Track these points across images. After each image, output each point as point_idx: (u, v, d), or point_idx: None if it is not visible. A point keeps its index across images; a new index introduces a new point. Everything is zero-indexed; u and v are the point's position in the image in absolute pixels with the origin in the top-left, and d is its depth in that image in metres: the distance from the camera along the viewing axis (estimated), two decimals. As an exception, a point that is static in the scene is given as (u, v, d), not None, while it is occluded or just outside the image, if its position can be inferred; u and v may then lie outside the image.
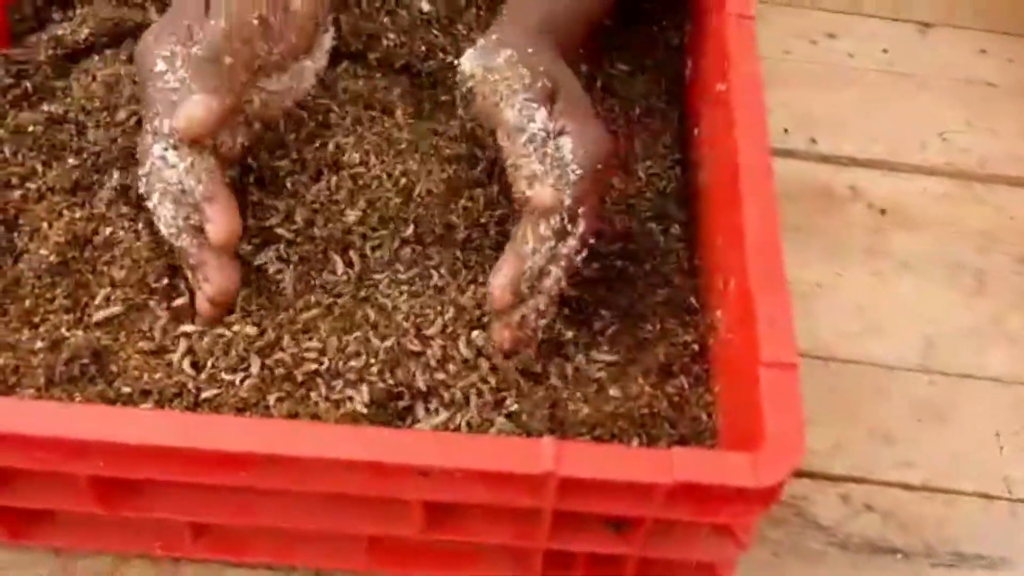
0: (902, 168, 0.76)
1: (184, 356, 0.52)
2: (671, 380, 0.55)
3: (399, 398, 0.50)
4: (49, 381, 0.51)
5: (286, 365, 0.51)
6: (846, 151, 0.77)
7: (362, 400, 0.50)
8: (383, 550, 0.52)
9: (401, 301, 0.54)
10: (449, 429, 0.50)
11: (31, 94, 0.60)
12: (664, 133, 0.70)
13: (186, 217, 0.51)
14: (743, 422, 0.49)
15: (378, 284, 0.55)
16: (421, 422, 0.50)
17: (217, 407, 0.50)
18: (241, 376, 0.51)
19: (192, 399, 0.50)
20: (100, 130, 0.58)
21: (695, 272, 0.62)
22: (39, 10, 0.66)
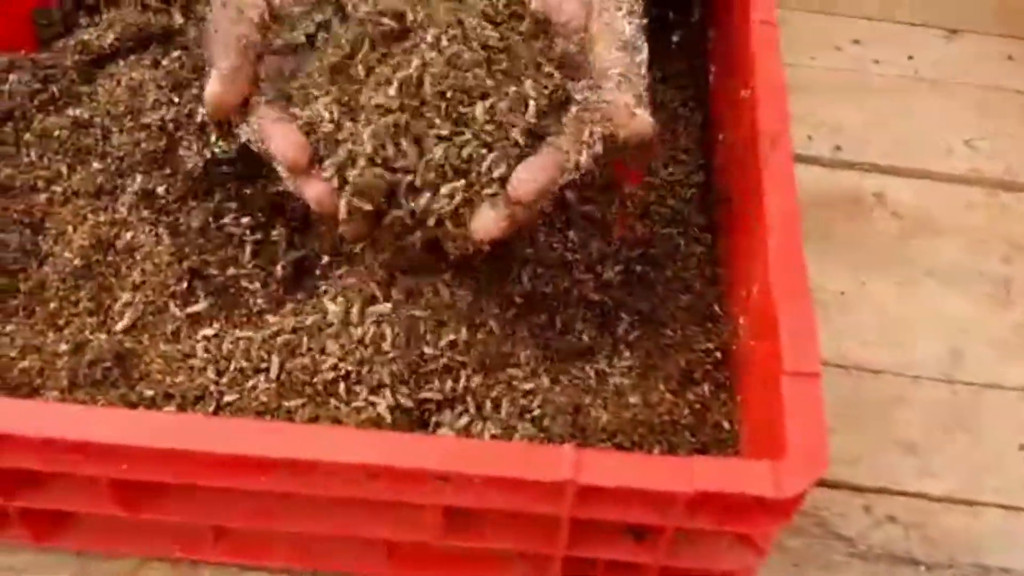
0: (927, 175, 0.75)
1: (205, 359, 0.52)
2: (693, 387, 0.55)
3: (422, 403, 0.50)
4: (73, 384, 0.51)
5: (307, 369, 0.51)
6: (871, 158, 0.76)
7: (385, 405, 0.50)
8: (402, 555, 0.52)
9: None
10: (472, 434, 0.50)
11: (57, 98, 0.61)
12: (687, 139, 0.71)
13: None
14: (765, 431, 0.49)
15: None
16: (444, 427, 0.50)
17: (239, 410, 0.50)
18: (262, 380, 0.51)
19: (215, 402, 0.50)
20: (124, 134, 0.59)
21: (717, 279, 0.62)
22: (67, 16, 0.66)
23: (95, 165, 0.58)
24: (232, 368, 0.52)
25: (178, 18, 0.63)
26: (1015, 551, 0.57)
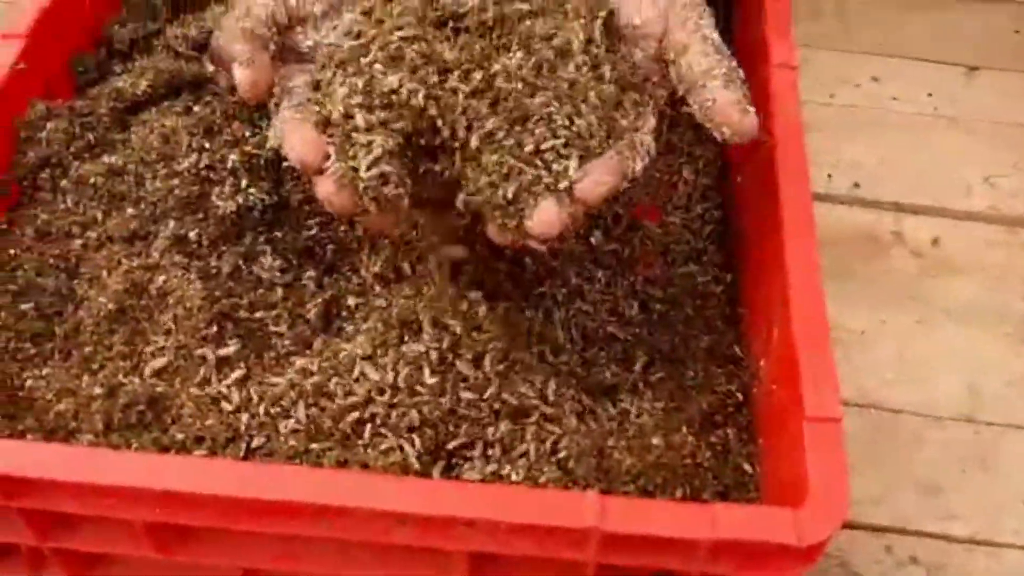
0: (947, 213, 0.76)
1: (234, 402, 0.53)
2: (715, 430, 0.55)
3: (450, 447, 0.51)
4: (107, 427, 0.52)
5: (334, 412, 0.52)
6: (889, 196, 0.77)
7: (412, 449, 0.50)
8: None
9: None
10: (499, 479, 0.51)
11: (93, 146, 0.62)
12: (705, 177, 0.71)
13: None
14: (787, 475, 0.49)
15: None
16: (471, 471, 0.51)
17: (269, 454, 0.51)
18: (290, 423, 0.52)
19: (245, 445, 0.51)
20: (157, 180, 0.60)
21: (737, 319, 0.63)
22: (101, 63, 0.68)
23: (129, 211, 0.60)
24: (261, 411, 0.52)
25: (209, 66, 0.65)
26: (1037, 593, 0.57)
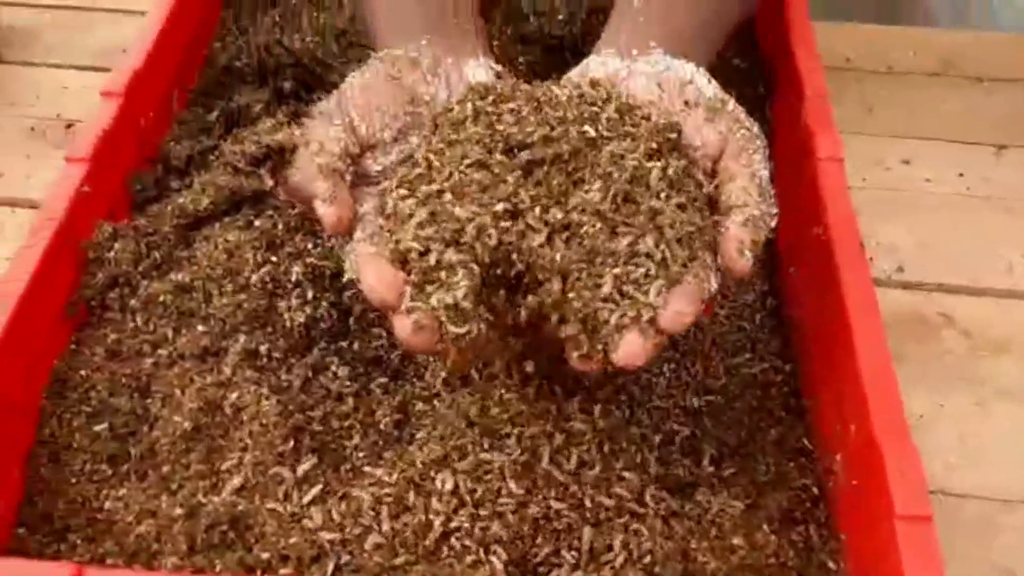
0: (991, 292, 0.77)
1: (315, 519, 0.53)
2: (795, 527, 0.55)
3: (537, 557, 0.51)
4: (191, 548, 0.52)
5: (416, 525, 0.52)
6: (933, 277, 0.78)
7: (500, 562, 0.50)
8: None
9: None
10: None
11: (160, 264, 0.63)
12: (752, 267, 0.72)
13: None
14: (877, 573, 0.49)
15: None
16: (560, 581, 0.51)
17: (355, 571, 0.51)
18: (374, 537, 0.52)
19: (332, 563, 0.51)
20: (225, 296, 0.61)
21: (800, 410, 0.63)
22: (159, 180, 0.69)
23: (199, 328, 0.60)
24: (343, 527, 0.52)
25: (268, 180, 0.66)
26: None
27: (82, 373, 0.60)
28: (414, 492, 0.53)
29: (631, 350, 0.47)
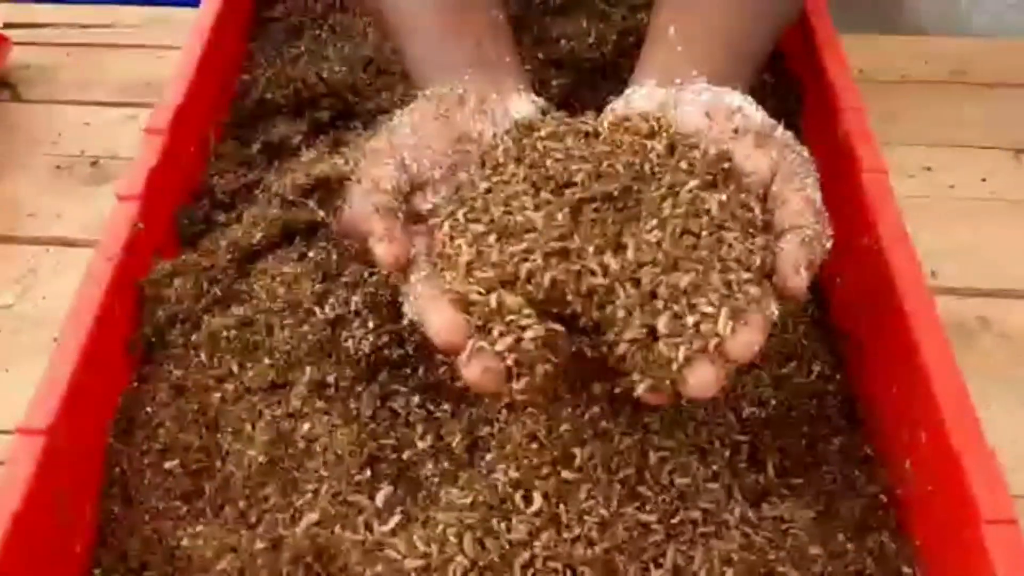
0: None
1: (399, 548, 0.53)
2: (870, 534, 0.56)
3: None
4: (277, 583, 0.52)
5: (500, 551, 0.52)
6: (968, 282, 0.79)
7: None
8: None
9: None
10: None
11: (220, 299, 0.63)
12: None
13: None
14: (963, 576, 0.50)
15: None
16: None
17: (445, 599, 0.51)
18: (461, 564, 0.52)
19: (421, 593, 0.51)
20: (287, 329, 0.61)
21: (858, 418, 0.64)
22: (207, 214, 0.70)
23: (264, 361, 0.60)
24: (427, 555, 0.52)
25: (319, 211, 0.66)
26: None
27: (148, 410, 0.60)
28: (496, 516, 0.53)
29: (703, 381, 0.48)
